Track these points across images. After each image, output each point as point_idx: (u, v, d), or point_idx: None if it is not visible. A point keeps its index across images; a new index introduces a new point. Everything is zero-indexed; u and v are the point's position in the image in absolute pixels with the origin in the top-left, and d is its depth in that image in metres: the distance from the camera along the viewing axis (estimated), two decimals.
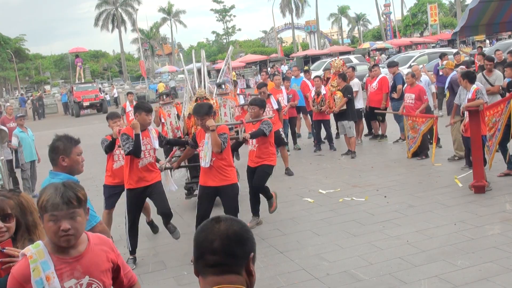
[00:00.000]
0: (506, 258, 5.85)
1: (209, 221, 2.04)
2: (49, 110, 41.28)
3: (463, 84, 9.25)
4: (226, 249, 1.94)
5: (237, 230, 1.98)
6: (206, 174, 6.81)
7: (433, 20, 63.28)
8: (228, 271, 1.94)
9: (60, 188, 2.74)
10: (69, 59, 71.93)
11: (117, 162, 7.51)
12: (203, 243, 1.97)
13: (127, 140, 6.52)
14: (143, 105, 6.91)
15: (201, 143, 6.83)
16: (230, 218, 2.03)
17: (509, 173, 9.07)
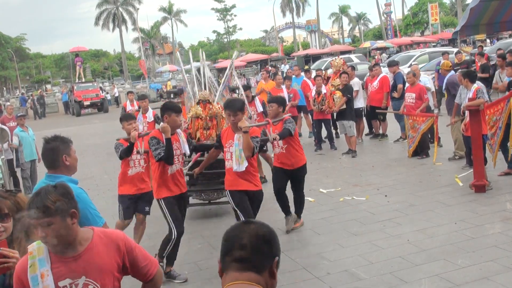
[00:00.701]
0: (506, 257, 5.85)
1: (240, 222, 2.20)
2: (49, 109, 41.29)
3: (463, 83, 9.24)
4: (254, 246, 2.04)
5: (266, 232, 2.11)
6: (238, 178, 6.30)
7: (433, 19, 63.24)
8: (251, 269, 2.03)
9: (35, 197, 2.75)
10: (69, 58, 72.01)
11: (133, 169, 6.91)
12: (233, 238, 2.08)
13: (158, 145, 5.93)
14: (172, 105, 6.36)
15: (228, 143, 6.31)
16: (260, 222, 2.17)
17: (509, 172, 9.07)
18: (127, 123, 6.98)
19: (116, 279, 2.95)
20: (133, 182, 6.90)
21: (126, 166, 6.91)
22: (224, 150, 6.39)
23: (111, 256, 2.91)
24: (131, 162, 6.87)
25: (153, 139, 6.00)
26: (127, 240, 3.00)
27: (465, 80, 9.19)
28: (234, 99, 6.67)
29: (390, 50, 52.50)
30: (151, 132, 7.11)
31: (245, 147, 6.05)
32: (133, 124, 6.92)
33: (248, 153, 6.08)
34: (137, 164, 6.90)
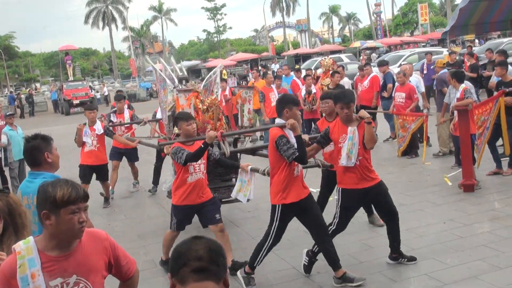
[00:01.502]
0: (495, 256, 5.89)
1: (189, 238, 2.18)
2: (38, 108, 41.04)
3: (451, 83, 9.29)
4: (211, 256, 2.07)
5: (218, 246, 2.15)
6: (351, 174, 5.73)
7: (423, 19, 63.50)
8: (209, 278, 2.05)
9: (71, 183, 2.82)
10: (59, 57, 71.66)
11: (193, 175, 6.02)
12: (187, 252, 2.09)
13: (288, 144, 5.34)
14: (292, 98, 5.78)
15: (342, 138, 5.70)
16: (208, 237, 2.18)
17: (498, 172, 9.13)
18: (186, 123, 5.98)
19: (103, 278, 3.00)
20: (194, 191, 6.03)
21: (184, 172, 5.99)
22: (338, 146, 5.77)
23: (99, 255, 2.94)
24: (191, 168, 5.99)
25: (282, 138, 5.37)
26: (110, 239, 3.07)
27: (453, 80, 9.24)
28: (344, 91, 6.04)
29: (380, 50, 52.67)
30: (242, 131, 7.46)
31: (369, 138, 5.55)
32: (194, 124, 6.11)
33: (372, 145, 5.60)
34: (197, 169, 6.03)
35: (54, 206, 2.72)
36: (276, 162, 5.51)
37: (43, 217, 2.75)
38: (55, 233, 2.76)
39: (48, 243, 2.77)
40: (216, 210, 6.20)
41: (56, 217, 2.73)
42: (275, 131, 5.47)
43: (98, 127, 9.69)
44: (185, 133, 6.01)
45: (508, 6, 15.96)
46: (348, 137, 5.63)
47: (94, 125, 9.70)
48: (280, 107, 5.55)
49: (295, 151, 5.30)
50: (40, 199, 2.78)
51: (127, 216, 9.30)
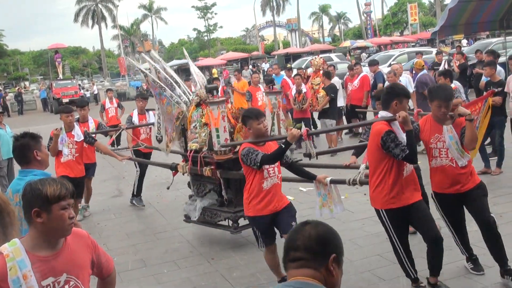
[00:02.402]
0: (482, 255, 5.92)
1: (298, 224, 2.36)
2: (27, 107, 40.78)
3: (440, 82, 9.32)
4: (306, 246, 2.20)
5: (320, 232, 2.26)
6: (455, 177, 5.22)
7: (413, 19, 63.80)
8: (306, 266, 2.19)
9: (59, 180, 2.85)
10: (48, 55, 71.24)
11: (268, 180, 5.29)
12: (289, 241, 2.27)
13: (397, 140, 4.78)
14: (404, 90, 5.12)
15: (434, 139, 5.16)
16: (317, 222, 2.33)
17: (486, 171, 9.19)
18: (257, 121, 5.34)
19: (89, 275, 3.03)
20: (272, 198, 5.33)
21: (259, 177, 5.27)
22: (430, 146, 5.20)
23: (84, 252, 2.98)
24: (265, 172, 5.26)
25: (390, 133, 4.78)
26: (91, 237, 3.11)
27: (440, 78, 9.27)
28: (443, 87, 5.27)
29: (370, 50, 52.86)
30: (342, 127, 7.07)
31: (471, 137, 4.94)
32: (265, 122, 5.47)
33: (474, 144, 5.03)
34: (272, 173, 5.30)
35: (45, 203, 2.73)
36: (379, 161, 4.92)
37: (34, 215, 2.74)
38: (45, 230, 2.76)
39: (36, 243, 2.77)
40: (292, 218, 5.45)
41: (48, 214, 2.74)
42: (380, 125, 4.87)
43: (78, 133, 8.12)
44: (256, 133, 5.37)
45: (497, 7, 16.05)
46: (448, 137, 5.08)
47: (73, 131, 8.10)
48: (389, 98, 4.92)
49: (405, 148, 4.73)
50: (29, 197, 2.77)
51: (117, 215, 9.27)
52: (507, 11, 16.53)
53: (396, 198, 4.93)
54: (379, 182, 4.95)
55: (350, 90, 13.85)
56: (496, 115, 8.87)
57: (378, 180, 4.96)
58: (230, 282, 5.90)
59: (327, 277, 2.18)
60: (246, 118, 5.47)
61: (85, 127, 8.95)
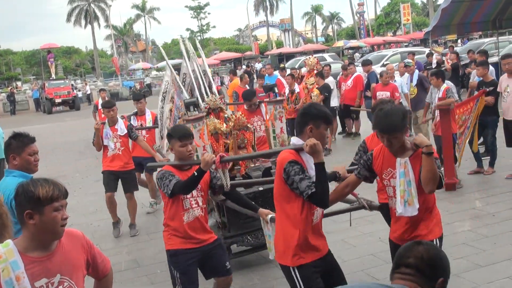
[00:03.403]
0: (475, 254, 5.96)
1: (412, 242, 2.48)
2: (20, 107, 40.63)
3: (433, 83, 9.38)
4: (418, 266, 2.36)
5: (432, 255, 2.41)
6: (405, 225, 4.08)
7: (406, 19, 64.00)
8: (414, 281, 2.37)
9: (51, 181, 2.83)
10: (40, 55, 70.98)
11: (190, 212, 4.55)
12: (402, 258, 2.42)
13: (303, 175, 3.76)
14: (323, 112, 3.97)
15: (386, 173, 4.08)
16: (430, 243, 2.50)
17: (479, 171, 9.23)
18: (179, 143, 4.55)
19: (83, 276, 3.02)
20: (195, 232, 4.56)
21: (178, 208, 4.50)
22: (382, 182, 4.19)
23: (78, 253, 2.97)
24: (186, 202, 4.51)
25: (294, 164, 3.77)
26: (86, 237, 3.09)
27: (433, 78, 9.32)
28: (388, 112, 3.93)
29: (363, 50, 52.98)
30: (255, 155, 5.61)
31: (430, 176, 3.78)
32: (189, 146, 4.61)
33: (432, 187, 3.83)
34: (194, 204, 4.55)
35: (38, 205, 2.71)
36: (284, 200, 3.88)
37: (26, 217, 2.73)
38: (38, 232, 2.75)
39: (29, 244, 2.76)
40: (225, 256, 4.83)
41: (40, 216, 2.72)
42: (286, 154, 3.87)
43: (121, 127, 8.09)
44: (178, 155, 4.63)
45: (489, 7, 16.11)
46: (398, 173, 3.98)
47: (116, 125, 8.10)
48: (303, 122, 3.90)
49: (311, 185, 3.70)
50: (21, 199, 2.76)
51: (109, 216, 9.23)
52: (499, 12, 16.60)
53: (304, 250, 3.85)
54: (283, 228, 3.91)
55: (344, 90, 13.88)
56: (489, 115, 8.91)
57: (280, 224, 3.95)
58: None
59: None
60: (169, 137, 4.76)
61: (142, 120, 9.20)
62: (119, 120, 8.20)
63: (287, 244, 3.85)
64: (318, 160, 3.74)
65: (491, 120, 9.04)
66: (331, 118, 4.11)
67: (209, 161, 4.30)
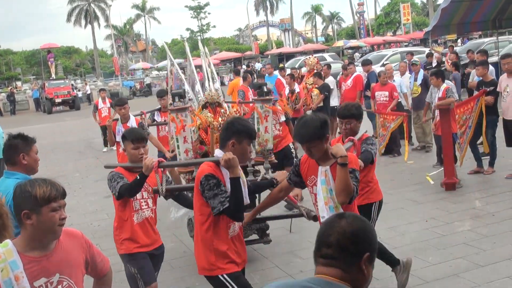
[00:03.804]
0: (475, 254, 5.96)
1: (333, 216, 2.20)
2: (20, 107, 40.63)
3: (433, 82, 9.38)
4: (340, 244, 2.07)
5: (356, 228, 2.10)
6: None
7: (405, 19, 63.97)
8: (336, 266, 2.07)
9: (49, 181, 2.82)
10: (40, 55, 70.96)
11: (140, 213, 4.62)
12: (322, 236, 2.12)
13: (218, 189, 3.82)
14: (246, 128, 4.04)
15: (309, 180, 4.26)
16: (353, 215, 2.18)
17: (478, 171, 9.23)
18: (132, 145, 4.67)
19: (83, 275, 3.02)
20: (144, 233, 4.65)
21: (128, 209, 4.59)
22: (308, 189, 4.36)
23: (77, 252, 2.97)
24: (136, 204, 4.60)
25: (210, 178, 3.83)
26: (85, 237, 3.10)
27: (433, 78, 9.33)
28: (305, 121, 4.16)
29: (363, 49, 52.96)
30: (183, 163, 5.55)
31: (342, 187, 3.89)
32: (142, 149, 4.69)
33: (344, 198, 3.91)
34: (144, 205, 4.64)
35: (35, 205, 2.71)
36: (202, 212, 3.94)
37: (24, 217, 2.73)
38: (35, 232, 2.75)
39: (28, 244, 2.76)
40: (160, 264, 5.00)
41: (38, 216, 2.72)
42: (205, 167, 3.94)
43: (133, 124, 8.36)
44: (130, 157, 4.71)
45: (489, 7, 16.11)
46: (319, 181, 4.13)
47: (128, 122, 8.39)
48: (226, 136, 3.98)
49: (224, 201, 3.78)
50: (19, 199, 2.76)
51: (110, 215, 9.24)
52: (499, 11, 16.60)
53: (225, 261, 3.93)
54: (203, 239, 3.95)
55: (344, 90, 13.87)
56: (488, 115, 8.91)
57: (200, 235, 3.99)
58: None
59: (357, 276, 2.10)
60: (123, 138, 4.82)
61: (165, 116, 9.04)
62: (131, 117, 8.52)
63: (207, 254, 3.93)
64: (233, 175, 3.81)
65: (490, 119, 9.04)
66: (254, 134, 4.17)
67: (149, 165, 4.33)
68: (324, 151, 4.03)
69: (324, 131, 4.02)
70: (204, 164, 4.01)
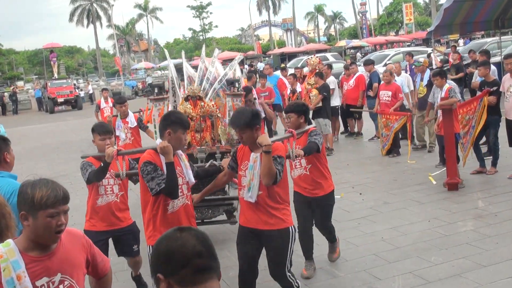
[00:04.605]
0: (478, 254, 5.94)
1: (172, 231, 1.95)
2: (22, 106, 40.69)
3: (435, 83, 9.37)
4: (210, 251, 1.88)
5: (206, 235, 1.93)
6: (249, 210, 4.72)
7: (408, 19, 63.89)
8: (212, 277, 1.88)
9: (51, 184, 2.76)
10: (43, 54, 71.05)
11: (104, 197, 5.28)
12: (183, 249, 1.85)
13: (155, 173, 4.40)
14: (179, 117, 4.67)
15: (243, 165, 4.75)
16: (188, 227, 1.98)
17: (481, 171, 9.21)
18: (99, 137, 5.35)
19: (84, 275, 3.02)
20: (105, 215, 5.31)
21: (95, 193, 5.28)
22: (239, 173, 4.82)
23: (79, 252, 2.97)
24: (101, 189, 5.26)
25: (148, 164, 4.43)
26: (86, 237, 3.10)
27: (437, 79, 9.31)
28: (239, 111, 4.89)
29: (365, 49, 52.93)
30: (136, 150, 5.99)
31: (265, 172, 4.46)
32: (108, 140, 5.34)
33: (267, 180, 4.49)
34: (109, 191, 5.30)
35: (32, 208, 2.69)
36: (144, 194, 4.58)
37: (21, 218, 2.72)
38: (32, 234, 2.74)
39: (29, 244, 2.75)
40: (135, 241, 5.57)
41: (34, 219, 2.70)
42: (145, 154, 4.56)
43: (131, 120, 9.43)
44: (98, 148, 5.38)
45: (492, 7, 16.09)
46: (249, 166, 4.66)
47: (127, 118, 9.44)
48: (163, 127, 4.57)
49: (161, 182, 4.36)
50: (20, 199, 2.76)
51: None
52: (502, 11, 16.58)
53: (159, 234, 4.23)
54: (146, 218, 4.60)
55: (346, 90, 13.87)
56: (490, 115, 8.88)
57: (144, 214, 4.62)
58: (226, 282, 5.88)
59: None
60: (92, 131, 5.48)
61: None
62: (130, 113, 9.56)
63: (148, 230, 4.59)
64: (167, 160, 4.41)
65: (492, 119, 9.01)
66: (188, 124, 4.72)
67: (110, 153, 4.92)
68: (254, 139, 4.59)
69: (254, 122, 4.61)
70: (146, 151, 4.61)
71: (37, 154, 15.92)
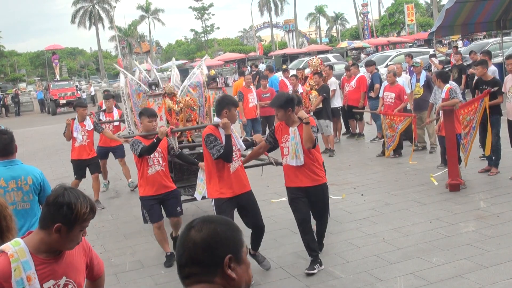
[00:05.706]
0: (480, 255, 5.94)
1: (183, 229, 2.01)
2: (24, 108, 40.74)
3: (437, 83, 9.37)
4: (192, 259, 1.91)
5: (205, 235, 1.93)
6: (296, 172, 5.94)
7: (410, 20, 63.86)
8: (200, 281, 1.91)
9: (88, 199, 2.79)
10: (45, 56, 71.12)
11: (153, 167, 6.42)
12: (178, 257, 1.97)
13: (216, 142, 5.65)
14: (231, 99, 6.12)
15: (283, 138, 5.96)
16: (201, 222, 1.98)
17: (489, 169, 9.17)
18: (148, 119, 6.53)
19: (84, 278, 3.04)
20: (155, 182, 6.45)
21: (145, 165, 6.42)
22: (280, 145, 6.05)
23: (81, 256, 2.99)
24: (150, 161, 6.41)
25: (210, 136, 5.70)
26: (86, 240, 3.10)
27: (438, 80, 9.32)
28: (278, 95, 6.29)
29: (367, 50, 52.90)
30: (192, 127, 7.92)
31: (307, 138, 5.69)
32: (154, 122, 6.58)
33: (309, 144, 5.71)
34: (156, 162, 6.44)
35: (72, 221, 2.71)
36: (207, 158, 5.83)
37: (55, 229, 2.69)
38: (56, 243, 2.74)
39: (41, 246, 2.75)
40: (177, 203, 6.74)
41: (69, 231, 2.72)
42: (206, 129, 5.89)
43: (88, 123, 9.87)
44: (145, 128, 6.60)
45: (493, 8, 16.11)
46: (290, 137, 5.89)
47: (84, 121, 9.87)
48: (220, 108, 5.84)
49: (220, 149, 5.63)
50: (55, 210, 2.71)
51: (114, 216, 9.27)
52: (503, 12, 16.58)
53: (222, 189, 5.79)
54: (210, 175, 5.88)
55: (347, 91, 13.88)
56: (491, 114, 8.88)
57: (210, 174, 5.88)
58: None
59: (227, 282, 1.92)
60: (140, 114, 6.74)
61: (110, 117, 11.33)
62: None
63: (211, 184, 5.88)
64: (226, 133, 5.73)
65: (493, 119, 9.01)
66: (237, 103, 6.16)
67: (163, 132, 6.26)
68: (288, 117, 5.90)
69: (287, 105, 5.84)
70: (208, 127, 5.97)
71: (39, 156, 15.93)
